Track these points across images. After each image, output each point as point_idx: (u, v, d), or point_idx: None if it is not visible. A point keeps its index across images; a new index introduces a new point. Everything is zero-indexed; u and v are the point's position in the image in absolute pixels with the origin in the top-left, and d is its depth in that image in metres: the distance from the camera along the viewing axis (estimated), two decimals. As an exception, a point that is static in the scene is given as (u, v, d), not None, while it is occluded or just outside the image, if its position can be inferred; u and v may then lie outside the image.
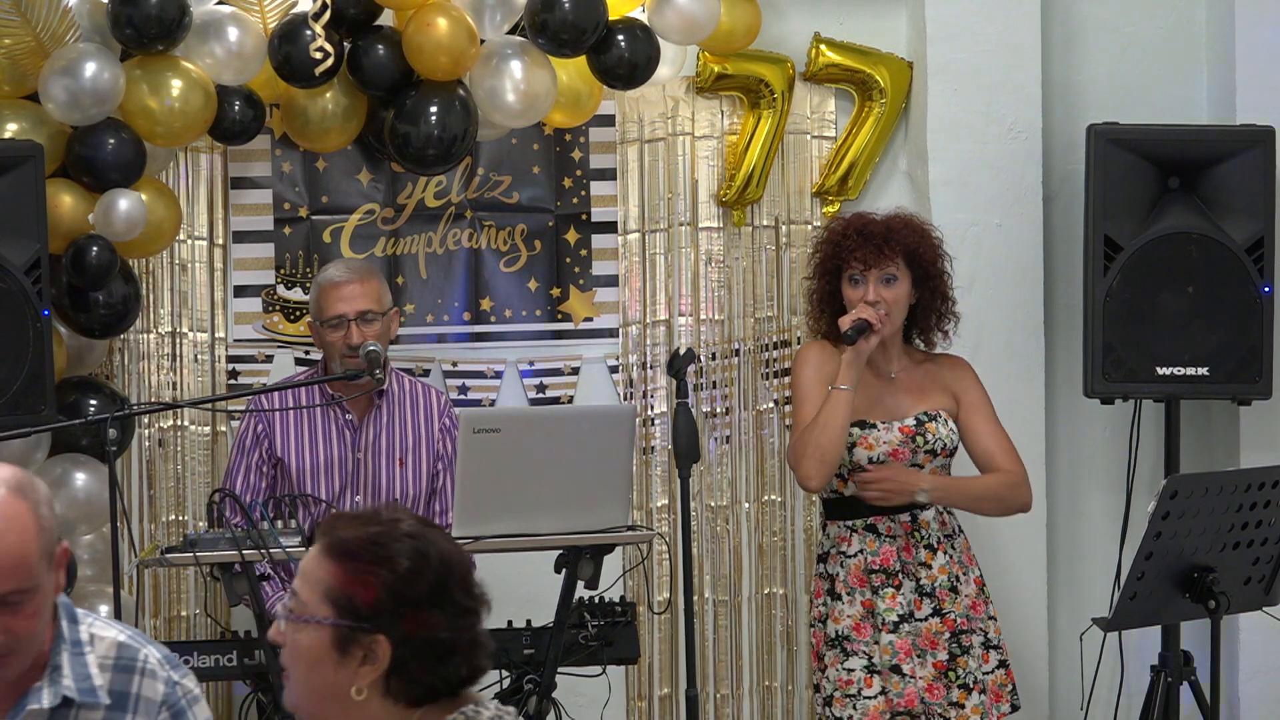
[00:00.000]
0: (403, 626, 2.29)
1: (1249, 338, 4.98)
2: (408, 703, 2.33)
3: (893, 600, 4.38)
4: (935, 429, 4.42)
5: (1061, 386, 5.38)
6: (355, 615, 2.29)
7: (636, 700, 5.34)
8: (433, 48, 4.72)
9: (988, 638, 4.42)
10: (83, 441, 4.76)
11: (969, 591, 4.42)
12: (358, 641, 2.30)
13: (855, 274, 4.42)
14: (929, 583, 4.38)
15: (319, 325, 4.67)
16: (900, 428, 4.41)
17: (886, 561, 4.39)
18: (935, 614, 4.38)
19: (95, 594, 4.79)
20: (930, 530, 4.41)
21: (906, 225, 4.48)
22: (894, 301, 4.41)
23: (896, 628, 4.36)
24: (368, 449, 4.73)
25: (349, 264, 4.78)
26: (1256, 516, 4.13)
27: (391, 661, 2.30)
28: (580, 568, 4.33)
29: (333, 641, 2.30)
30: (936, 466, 4.42)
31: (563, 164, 5.33)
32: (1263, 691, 5.33)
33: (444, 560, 2.32)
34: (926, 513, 4.41)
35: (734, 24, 5.10)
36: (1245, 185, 5.00)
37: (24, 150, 4.48)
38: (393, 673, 2.30)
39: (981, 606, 4.43)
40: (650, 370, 5.35)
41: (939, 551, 4.40)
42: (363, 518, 2.36)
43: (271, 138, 5.16)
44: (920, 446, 4.40)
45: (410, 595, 2.29)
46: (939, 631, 4.37)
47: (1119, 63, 5.46)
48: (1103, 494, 5.44)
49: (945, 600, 4.38)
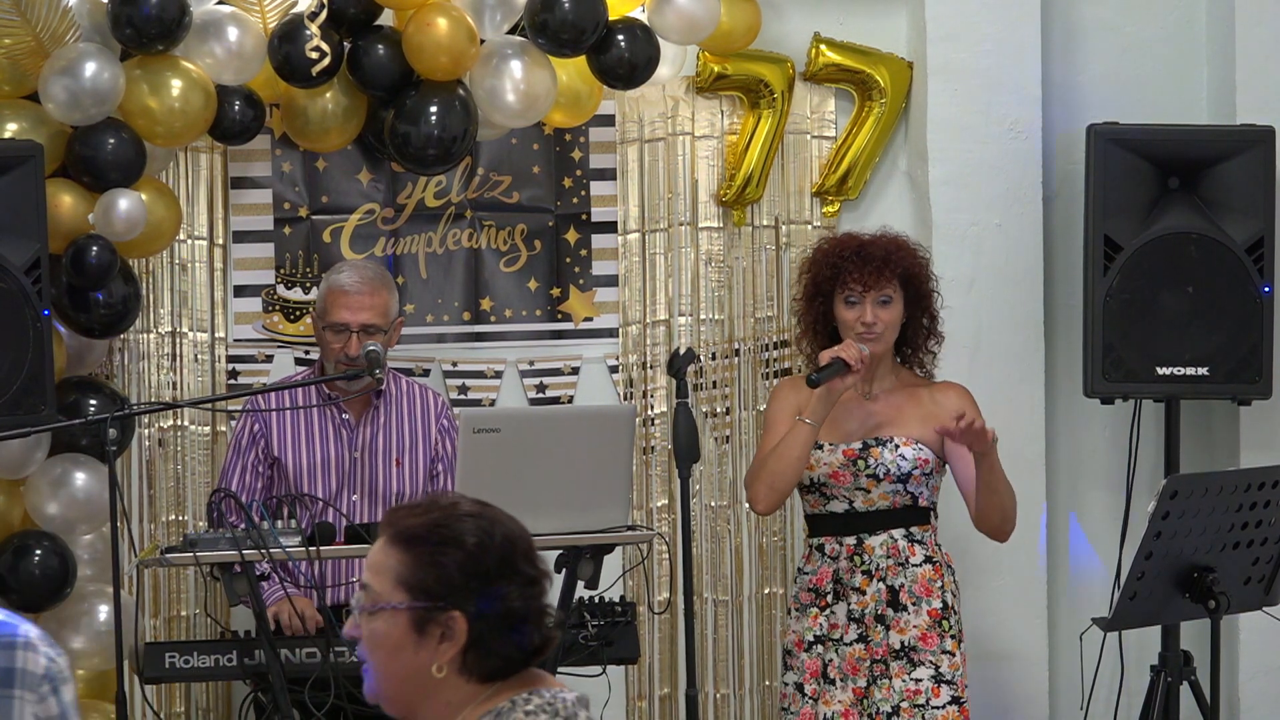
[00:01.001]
0: (475, 600, 2.39)
1: (1249, 338, 4.98)
2: (482, 678, 2.43)
3: (813, 621, 4.42)
4: (880, 454, 4.39)
5: (1061, 386, 5.38)
6: (430, 595, 2.39)
7: (636, 700, 5.34)
8: (433, 48, 4.72)
9: (939, 672, 4.36)
10: (83, 441, 4.76)
11: (918, 623, 4.37)
12: (434, 620, 2.39)
13: (852, 295, 4.42)
14: (859, 608, 4.39)
15: (321, 325, 4.68)
16: (844, 450, 4.41)
17: (821, 582, 4.44)
18: (860, 640, 4.39)
19: (95, 594, 4.80)
20: (873, 556, 4.40)
21: (901, 247, 4.48)
22: (889, 323, 4.43)
23: (810, 648, 4.42)
24: (364, 448, 4.73)
25: (363, 272, 4.71)
26: (1256, 516, 4.13)
27: (469, 636, 2.39)
28: (580, 568, 4.33)
29: (410, 624, 2.39)
30: (886, 491, 4.40)
31: (563, 164, 5.33)
32: (1263, 691, 5.33)
33: (507, 535, 2.43)
34: (874, 538, 4.41)
35: (734, 24, 5.10)
36: (1245, 185, 5.00)
37: (24, 150, 4.48)
38: (470, 647, 2.40)
39: (934, 639, 4.37)
40: (650, 370, 5.35)
41: (876, 579, 4.39)
42: (422, 506, 2.47)
43: (271, 137, 5.16)
44: (861, 470, 4.40)
45: (479, 570, 2.39)
46: (861, 658, 4.38)
47: (1119, 63, 5.46)
48: (1103, 494, 5.43)
49: (869, 627, 4.38)
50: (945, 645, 4.38)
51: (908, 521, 4.43)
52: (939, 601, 4.40)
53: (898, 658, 4.36)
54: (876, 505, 4.42)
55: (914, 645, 4.36)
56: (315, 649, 4.26)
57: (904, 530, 4.42)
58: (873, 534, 4.41)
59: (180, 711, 5.16)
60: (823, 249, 4.54)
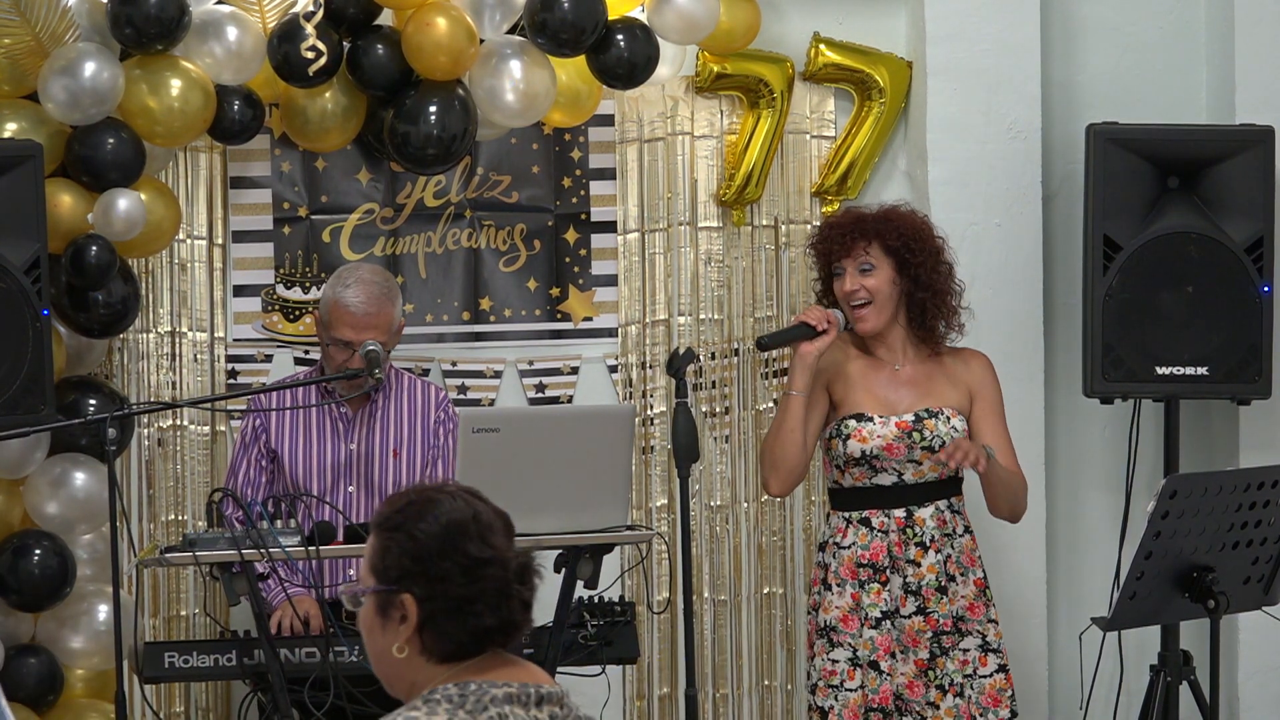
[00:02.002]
0: (422, 583, 2.48)
1: (1249, 338, 4.98)
2: (440, 659, 2.51)
3: (877, 596, 4.37)
4: (934, 426, 4.39)
5: (1061, 386, 5.38)
6: (386, 579, 2.51)
7: (636, 700, 5.34)
8: (432, 47, 4.73)
9: (985, 641, 4.39)
10: (82, 441, 4.76)
11: (966, 593, 4.39)
12: (392, 603, 2.50)
13: (837, 267, 4.44)
14: (916, 580, 4.37)
15: (324, 334, 4.67)
16: (897, 422, 4.38)
17: (876, 557, 4.39)
18: (919, 612, 4.36)
19: (95, 594, 4.80)
20: (925, 528, 4.39)
21: (884, 215, 4.47)
22: (875, 289, 4.40)
23: (879, 624, 4.36)
24: (361, 440, 4.74)
25: (369, 289, 4.65)
26: (1256, 516, 4.12)
27: (420, 618, 2.48)
28: (580, 567, 4.33)
29: (376, 608, 2.52)
30: (936, 463, 4.40)
31: (562, 164, 5.33)
32: (1262, 691, 5.33)
33: (454, 519, 2.51)
34: (923, 510, 4.40)
35: (733, 24, 5.10)
36: (1244, 185, 5.00)
37: (23, 150, 4.48)
38: (424, 629, 2.49)
39: (980, 609, 4.40)
40: (649, 370, 5.35)
41: (930, 550, 4.38)
42: (402, 494, 2.58)
43: (271, 137, 5.16)
44: (917, 443, 4.37)
45: (421, 553, 2.49)
46: (921, 630, 4.36)
47: (1119, 63, 5.46)
48: (1102, 494, 5.44)
49: (930, 600, 4.37)
50: (990, 614, 4.40)
51: (950, 492, 4.44)
52: (980, 571, 4.43)
53: (951, 629, 4.37)
54: (926, 477, 4.40)
55: (962, 615, 4.37)
56: (315, 649, 4.26)
57: (947, 501, 4.42)
58: (921, 506, 4.40)
59: (180, 711, 5.16)
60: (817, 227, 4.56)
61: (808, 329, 4.35)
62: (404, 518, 2.52)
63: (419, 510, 2.52)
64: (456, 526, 2.50)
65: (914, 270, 4.43)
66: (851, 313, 4.42)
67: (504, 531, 2.55)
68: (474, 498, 2.57)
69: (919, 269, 4.43)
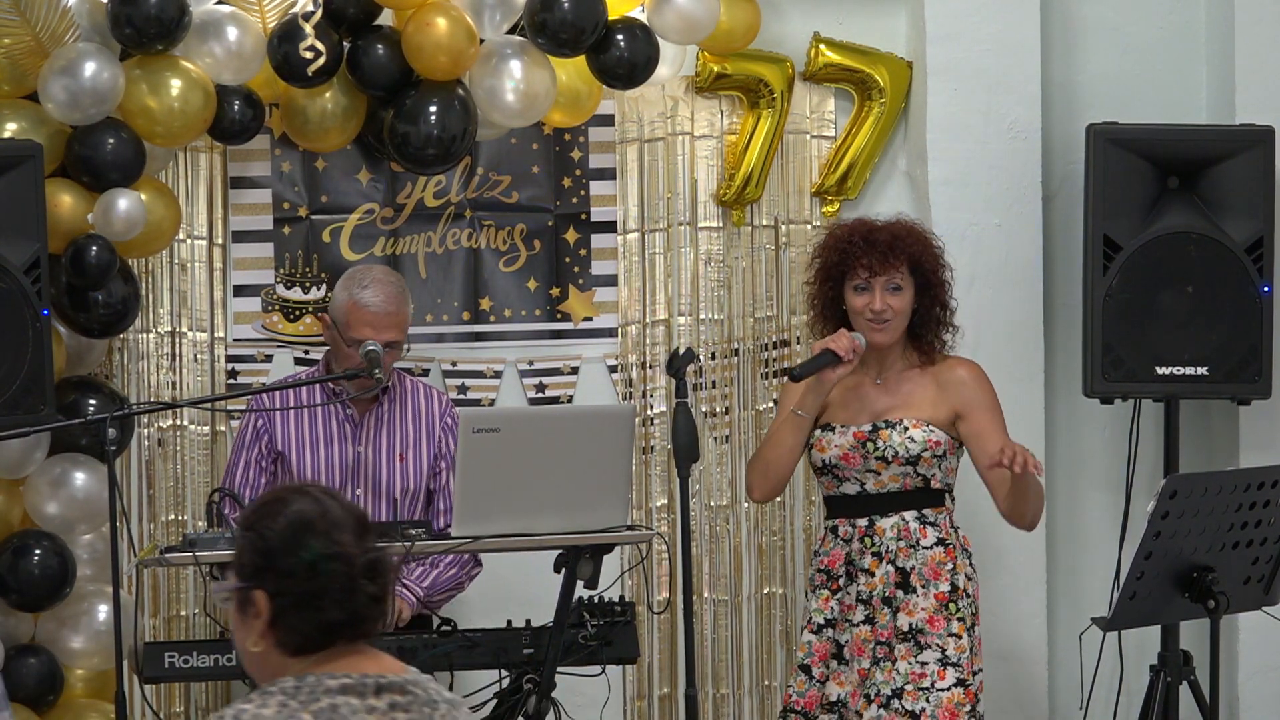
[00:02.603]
0: (271, 579, 2.58)
1: (1249, 338, 4.98)
2: (291, 652, 2.60)
3: (824, 604, 4.44)
4: (889, 436, 4.39)
5: (1061, 386, 5.38)
6: (241, 576, 2.62)
7: (636, 700, 5.34)
8: (432, 47, 4.73)
9: (945, 655, 4.34)
10: (82, 441, 4.76)
11: (925, 605, 4.35)
12: (248, 599, 2.60)
13: (860, 282, 4.42)
14: (867, 590, 4.39)
15: (337, 334, 4.64)
16: (855, 432, 4.41)
17: (833, 564, 4.45)
18: (866, 621, 4.39)
19: (94, 594, 4.80)
20: (883, 539, 4.40)
21: (911, 233, 4.47)
22: (899, 310, 4.42)
23: (820, 630, 4.43)
24: (368, 444, 4.73)
25: (387, 289, 4.64)
26: (1256, 516, 4.13)
27: (271, 613, 2.58)
28: (579, 567, 4.33)
29: (236, 605, 2.63)
30: (896, 474, 4.39)
31: (562, 164, 5.33)
32: (1263, 691, 5.33)
33: (297, 516, 2.60)
34: (885, 520, 4.40)
35: (733, 24, 5.10)
36: (1244, 185, 5.00)
37: (23, 150, 4.48)
38: (275, 623, 2.58)
39: (941, 623, 4.34)
40: (650, 370, 5.35)
41: (885, 561, 4.39)
42: (264, 495, 2.70)
43: (271, 137, 5.16)
44: (871, 453, 4.39)
45: (267, 549, 2.59)
46: (866, 639, 4.38)
47: (1119, 63, 5.46)
48: (1102, 494, 5.43)
49: (876, 610, 4.38)
50: (952, 628, 4.35)
51: (920, 504, 4.42)
52: (947, 584, 4.38)
53: (905, 640, 4.34)
54: (887, 487, 4.41)
55: (921, 628, 4.35)
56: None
57: (916, 513, 4.41)
58: (884, 515, 4.41)
59: (180, 711, 5.16)
60: (834, 234, 4.54)
61: (834, 357, 4.35)
62: (257, 517, 2.62)
63: (270, 510, 2.62)
64: (302, 524, 2.59)
65: (933, 291, 4.47)
66: (869, 327, 4.42)
67: (353, 528, 2.64)
68: (328, 497, 2.66)
69: (936, 289, 4.48)
